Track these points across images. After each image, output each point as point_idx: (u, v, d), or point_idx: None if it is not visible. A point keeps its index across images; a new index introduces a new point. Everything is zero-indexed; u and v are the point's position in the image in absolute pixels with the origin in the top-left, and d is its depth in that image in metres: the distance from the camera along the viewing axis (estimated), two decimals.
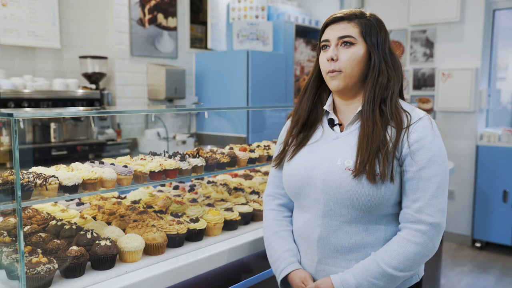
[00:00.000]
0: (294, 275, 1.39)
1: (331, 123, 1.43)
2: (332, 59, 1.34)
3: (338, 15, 1.38)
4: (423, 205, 1.25)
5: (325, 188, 1.32)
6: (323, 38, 1.40)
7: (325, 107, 1.44)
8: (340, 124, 1.42)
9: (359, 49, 1.34)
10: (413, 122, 1.30)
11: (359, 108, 1.36)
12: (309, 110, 1.47)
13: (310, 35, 5.39)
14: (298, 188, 1.40)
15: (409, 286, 1.37)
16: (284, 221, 1.52)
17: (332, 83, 1.37)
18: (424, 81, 5.07)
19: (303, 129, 1.47)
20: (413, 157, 1.27)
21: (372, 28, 1.36)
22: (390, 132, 1.30)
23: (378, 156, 1.26)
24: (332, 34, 1.37)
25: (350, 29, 1.35)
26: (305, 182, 1.37)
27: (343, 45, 1.35)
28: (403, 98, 1.43)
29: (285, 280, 1.43)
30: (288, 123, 1.55)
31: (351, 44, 1.34)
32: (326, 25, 1.40)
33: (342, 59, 1.34)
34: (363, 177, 1.26)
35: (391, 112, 1.31)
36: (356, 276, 1.27)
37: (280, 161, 1.50)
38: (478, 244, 4.79)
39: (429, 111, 5.02)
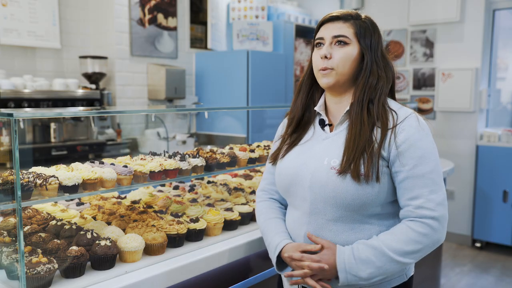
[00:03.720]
0: (287, 247, 1.38)
1: (322, 123, 1.45)
2: (326, 57, 1.36)
3: (334, 14, 1.40)
4: (423, 202, 1.26)
5: (311, 186, 1.35)
6: (317, 36, 1.42)
7: (316, 108, 1.46)
8: (330, 125, 1.44)
9: (352, 49, 1.36)
10: (399, 121, 1.31)
11: (347, 108, 1.38)
12: (303, 110, 1.49)
13: (310, 35, 5.39)
14: (287, 186, 1.43)
15: (396, 285, 1.37)
16: (278, 210, 1.54)
17: (323, 80, 1.38)
18: (424, 81, 5.07)
19: (297, 129, 1.49)
20: (403, 157, 1.28)
21: (366, 30, 1.37)
22: (376, 132, 1.31)
23: (363, 156, 1.28)
24: (327, 32, 1.38)
25: (345, 29, 1.36)
26: (293, 181, 1.40)
27: (337, 44, 1.36)
28: (394, 99, 1.45)
29: (282, 261, 1.42)
30: (285, 121, 1.58)
31: (345, 43, 1.36)
32: (322, 24, 1.42)
33: (335, 58, 1.35)
34: (347, 176, 1.28)
35: (378, 112, 1.33)
36: (356, 249, 1.27)
37: (275, 158, 1.53)
38: (478, 244, 4.79)
39: (429, 111, 5.03)
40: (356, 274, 1.25)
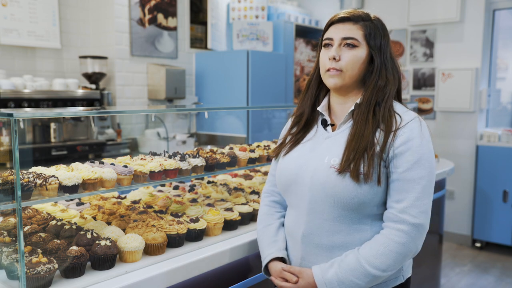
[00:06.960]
0: (272, 264, 1.44)
1: (324, 123, 1.44)
2: (334, 59, 1.35)
3: (344, 15, 1.38)
4: (406, 206, 1.26)
5: (311, 185, 1.35)
6: (326, 36, 1.40)
7: (319, 109, 1.46)
8: (332, 125, 1.44)
9: (361, 52, 1.35)
10: (401, 125, 1.31)
11: (351, 108, 1.38)
12: (310, 110, 1.49)
13: (310, 35, 5.39)
14: (287, 185, 1.43)
15: (393, 287, 1.37)
16: (275, 215, 1.56)
17: (330, 81, 1.37)
18: (424, 81, 5.07)
19: (302, 128, 1.49)
20: (399, 159, 1.28)
21: (376, 32, 1.37)
22: (379, 135, 1.31)
23: (363, 156, 1.28)
24: (336, 33, 1.37)
25: (355, 31, 1.35)
26: (293, 179, 1.40)
27: (346, 46, 1.35)
28: (400, 100, 1.44)
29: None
30: (289, 122, 1.58)
31: (354, 46, 1.35)
32: (331, 24, 1.40)
33: (344, 60, 1.34)
34: (347, 175, 1.28)
35: (383, 115, 1.33)
36: (338, 275, 1.28)
37: (277, 154, 1.53)
38: (478, 244, 4.79)
39: (429, 111, 5.03)
40: None
